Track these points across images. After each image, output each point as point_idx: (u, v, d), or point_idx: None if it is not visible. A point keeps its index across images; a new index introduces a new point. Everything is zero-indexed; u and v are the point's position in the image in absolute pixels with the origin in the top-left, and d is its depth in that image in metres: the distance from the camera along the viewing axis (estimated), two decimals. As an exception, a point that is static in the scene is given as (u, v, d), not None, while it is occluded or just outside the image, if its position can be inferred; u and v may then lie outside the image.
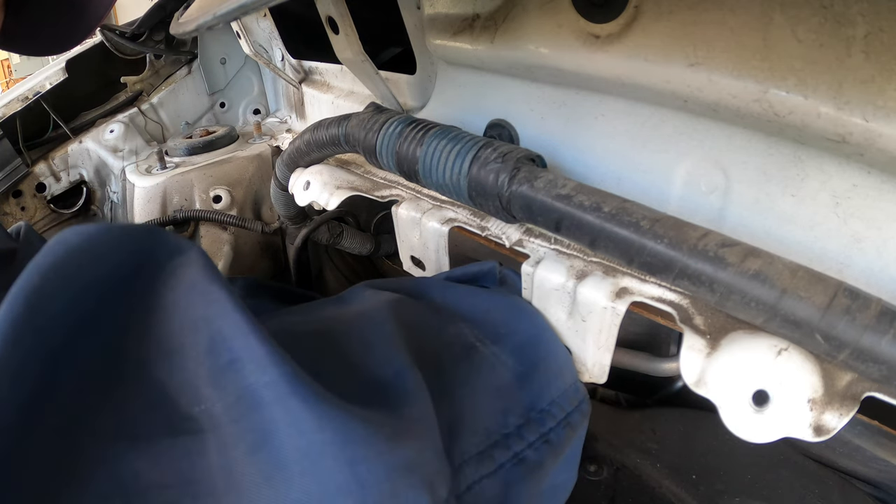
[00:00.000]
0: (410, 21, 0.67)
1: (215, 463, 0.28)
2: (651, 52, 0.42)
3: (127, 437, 0.27)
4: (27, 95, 1.10)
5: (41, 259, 0.29)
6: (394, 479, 0.30)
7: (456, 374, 0.42)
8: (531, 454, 0.42)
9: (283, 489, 0.28)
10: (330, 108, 0.96)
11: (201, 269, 0.33)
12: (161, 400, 0.29)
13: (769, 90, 0.37)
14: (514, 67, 0.55)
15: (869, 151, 0.35)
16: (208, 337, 0.31)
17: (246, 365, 0.30)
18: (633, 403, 0.74)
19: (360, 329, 0.42)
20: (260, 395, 0.29)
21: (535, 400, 0.45)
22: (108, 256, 0.31)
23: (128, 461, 0.26)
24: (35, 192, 1.14)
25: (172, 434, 0.28)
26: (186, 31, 0.53)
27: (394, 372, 0.38)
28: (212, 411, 0.29)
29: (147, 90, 1.22)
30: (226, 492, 0.27)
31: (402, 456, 0.31)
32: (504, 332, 0.47)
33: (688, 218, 0.38)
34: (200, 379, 0.30)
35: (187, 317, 0.31)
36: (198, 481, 0.27)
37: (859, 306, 0.31)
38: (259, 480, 0.28)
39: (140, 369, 0.29)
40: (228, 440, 0.28)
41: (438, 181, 0.52)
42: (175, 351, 0.30)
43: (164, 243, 0.33)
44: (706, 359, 0.39)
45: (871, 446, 0.55)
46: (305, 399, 0.29)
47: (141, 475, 0.26)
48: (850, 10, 0.33)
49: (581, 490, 0.61)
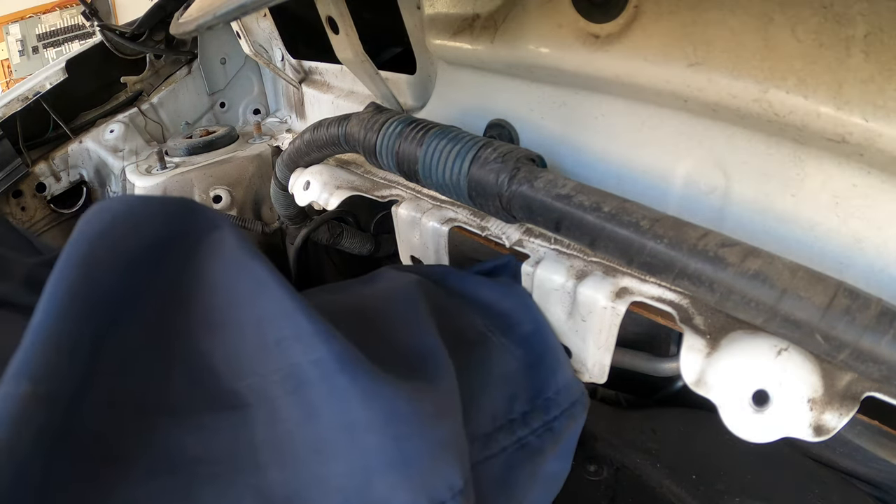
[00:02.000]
0: (410, 21, 0.67)
1: (261, 437, 0.28)
2: (651, 53, 0.42)
3: (172, 412, 0.27)
4: (27, 95, 1.10)
5: (87, 226, 0.29)
6: (435, 456, 0.30)
7: (469, 360, 0.43)
8: (534, 440, 0.43)
9: (329, 463, 0.28)
10: (330, 108, 0.96)
11: (239, 244, 0.32)
12: (206, 374, 0.29)
13: (769, 90, 0.37)
14: (514, 67, 0.55)
15: (869, 151, 0.35)
16: (253, 314, 0.30)
17: (293, 342, 0.30)
18: (634, 403, 0.74)
19: (395, 306, 0.43)
20: (308, 373, 0.29)
21: (540, 388, 0.46)
22: (149, 226, 0.30)
23: (173, 436, 0.26)
24: (35, 192, 1.14)
25: (217, 408, 0.28)
26: (186, 31, 0.53)
27: (428, 347, 0.39)
28: (258, 386, 0.29)
29: (147, 90, 1.22)
30: (271, 465, 0.27)
31: (441, 433, 0.31)
32: (512, 323, 0.48)
33: (688, 218, 0.38)
34: (246, 355, 0.30)
35: (231, 293, 0.31)
36: (242, 455, 0.27)
37: (859, 306, 0.31)
38: (305, 455, 0.28)
39: (184, 343, 0.29)
40: (275, 415, 0.28)
41: (438, 181, 0.52)
42: (220, 326, 0.30)
43: (201, 216, 0.33)
44: (706, 359, 0.39)
45: (871, 446, 0.55)
46: (353, 376, 0.29)
47: (187, 449, 0.26)
48: (849, 9, 0.33)
49: (581, 490, 0.61)
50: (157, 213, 0.31)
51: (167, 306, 0.29)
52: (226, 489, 0.26)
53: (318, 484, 0.28)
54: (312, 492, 0.27)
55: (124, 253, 0.29)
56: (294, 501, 0.27)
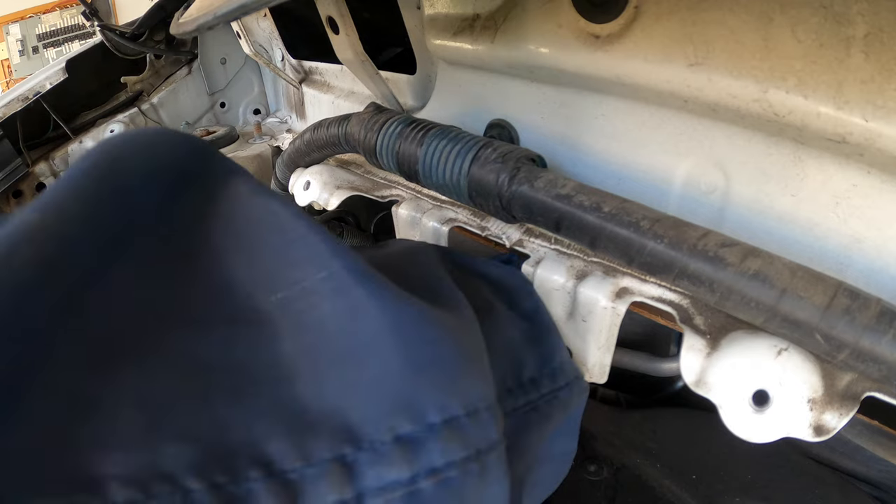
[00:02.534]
0: (410, 21, 0.67)
1: (286, 348, 0.27)
2: (651, 53, 0.42)
3: (188, 321, 0.26)
4: (27, 95, 1.10)
5: (117, 137, 0.29)
6: (466, 364, 0.30)
7: (481, 322, 0.43)
8: (543, 405, 0.43)
9: (358, 370, 0.28)
10: (330, 109, 0.96)
11: (257, 185, 0.33)
12: (226, 291, 0.28)
13: (769, 90, 0.37)
14: (515, 67, 0.55)
15: (869, 151, 0.35)
16: (276, 239, 0.30)
17: (314, 259, 0.30)
18: (634, 403, 0.74)
19: (413, 258, 0.43)
20: (325, 286, 0.29)
21: (548, 358, 0.46)
22: (179, 147, 0.31)
23: (189, 342, 0.26)
24: (35, 193, 1.13)
25: (237, 322, 0.28)
26: (187, 32, 0.53)
27: (448, 291, 0.39)
28: (279, 302, 0.29)
29: (147, 90, 1.22)
30: (297, 377, 0.27)
31: (468, 345, 0.32)
32: (516, 299, 0.48)
33: (688, 218, 0.38)
34: (267, 275, 0.29)
35: (253, 220, 0.31)
36: (263, 366, 0.27)
37: (859, 306, 0.31)
38: (332, 362, 0.28)
39: (208, 260, 0.29)
40: (298, 329, 0.28)
41: (438, 181, 0.52)
42: (240, 249, 0.30)
43: (221, 158, 0.33)
44: (706, 359, 0.39)
45: (872, 446, 0.55)
46: (369, 287, 0.29)
47: (202, 357, 0.26)
48: (849, 10, 0.33)
49: (581, 490, 0.61)
50: (186, 142, 0.31)
51: (192, 223, 0.29)
52: (244, 398, 0.25)
53: (347, 392, 0.27)
54: (340, 399, 0.27)
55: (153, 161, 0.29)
56: (323, 411, 0.26)
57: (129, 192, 0.27)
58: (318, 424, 0.26)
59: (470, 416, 0.29)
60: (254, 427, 0.24)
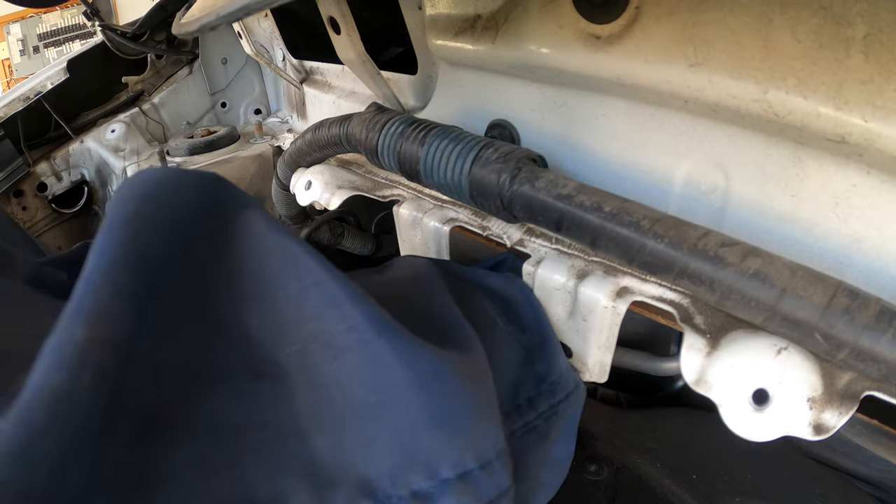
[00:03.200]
0: (412, 21, 0.67)
1: (301, 405, 0.28)
2: (652, 53, 0.42)
3: (213, 380, 0.27)
4: (28, 95, 1.10)
5: (131, 190, 0.28)
6: (480, 414, 0.31)
7: (483, 342, 0.43)
8: (541, 424, 0.43)
9: (374, 425, 0.28)
10: (331, 108, 0.96)
11: (270, 221, 0.32)
12: (247, 344, 0.29)
13: (769, 91, 0.37)
14: (516, 68, 0.55)
15: (868, 151, 0.35)
16: (291, 287, 0.30)
17: (329, 310, 0.30)
18: (634, 403, 0.75)
19: (416, 286, 0.43)
20: (346, 339, 0.29)
21: (545, 373, 0.46)
22: (189, 194, 0.30)
23: (215, 404, 0.26)
24: (36, 192, 1.14)
25: (258, 377, 0.28)
26: (189, 32, 0.53)
27: (454, 320, 0.39)
28: (297, 355, 0.29)
29: (148, 90, 1.22)
30: (315, 432, 0.27)
31: (482, 393, 0.32)
32: (515, 310, 0.49)
33: (688, 218, 0.39)
34: (285, 325, 0.30)
35: (268, 265, 0.31)
36: (284, 423, 0.27)
37: (858, 305, 0.31)
38: (349, 419, 0.28)
39: (226, 312, 0.29)
40: (315, 381, 0.28)
41: (440, 181, 0.52)
42: (258, 298, 0.30)
43: (232, 192, 0.33)
44: (706, 358, 0.39)
45: (871, 446, 0.55)
46: (390, 340, 0.29)
47: (229, 417, 0.26)
48: (849, 11, 0.33)
49: (581, 490, 0.61)
50: (195, 184, 0.31)
51: (209, 275, 0.29)
52: (269, 457, 0.26)
53: (365, 446, 0.28)
54: (358, 454, 0.27)
55: (170, 215, 0.29)
56: (342, 465, 0.27)
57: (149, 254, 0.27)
58: (338, 479, 0.26)
59: (483, 468, 0.30)
60: (277, 483, 0.25)
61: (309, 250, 0.31)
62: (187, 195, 0.30)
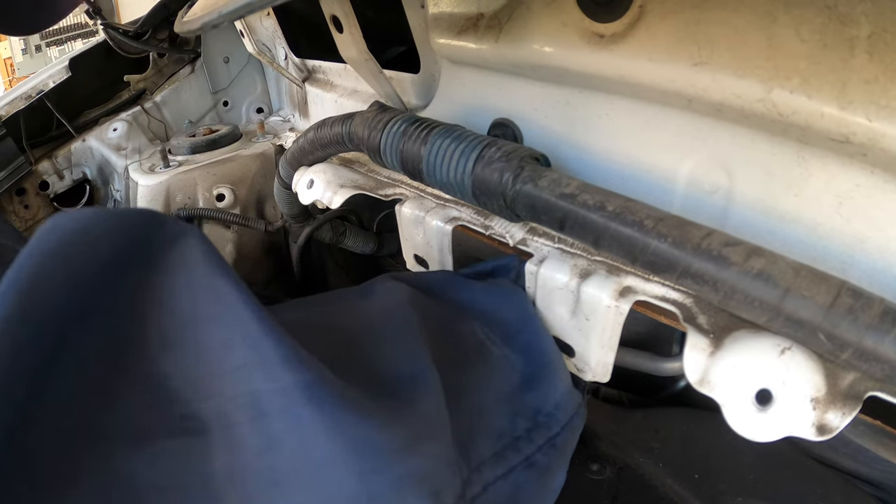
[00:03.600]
0: (415, 20, 0.67)
1: (219, 465, 0.27)
2: (655, 52, 0.42)
3: (126, 436, 0.26)
4: (30, 94, 1.10)
5: (35, 245, 0.27)
6: (404, 490, 0.30)
7: (471, 375, 0.43)
8: (540, 458, 0.43)
9: (288, 497, 0.27)
10: (333, 107, 0.96)
11: (204, 259, 0.30)
12: (163, 397, 0.27)
13: (773, 90, 0.37)
14: (519, 67, 0.55)
15: (872, 151, 0.35)
16: (215, 335, 0.29)
17: (255, 369, 0.28)
18: (636, 403, 0.74)
19: (384, 324, 0.42)
20: (270, 402, 0.28)
21: (541, 403, 0.45)
22: (104, 240, 0.29)
23: (126, 461, 0.25)
24: (38, 191, 1.14)
25: (173, 434, 0.27)
26: (191, 30, 0.53)
27: (414, 370, 0.38)
28: (218, 410, 0.28)
29: (150, 88, 1.22)
30: (227, 496, 0.26)
31: (413, 465, 0.30)
32: (512, 331, 0.48)
33: (691, 217, 0.39)
34: (207, 377, 0.28)
35: (192, 311, 0.29)
36: (197, 483, 0.26)
37: (862, 305, 0.31)
38: (264, 487, 0.27)
39: (141, 363, 0.27)
40: (233, 443, 0.27)
41: (442, 180, 0.52)
42: (179, 346, 0.28)
43: (161, 227, 0.31)
44: (709, 358, 0.39)
45: (874, 447, 0.55)
46: (319, 406, 0.28)
47: (139, 475, 0.25)
48: (853, 10, 0.33)
49: (584, 489, 0.61)
50: (114, 228, 0.29)
51: (123, 325, 0.28)
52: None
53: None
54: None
55: (76, 271, 0.27)
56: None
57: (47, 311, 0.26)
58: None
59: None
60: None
61: (241, 294, 0.30)
62: (104, 242, 0.29)
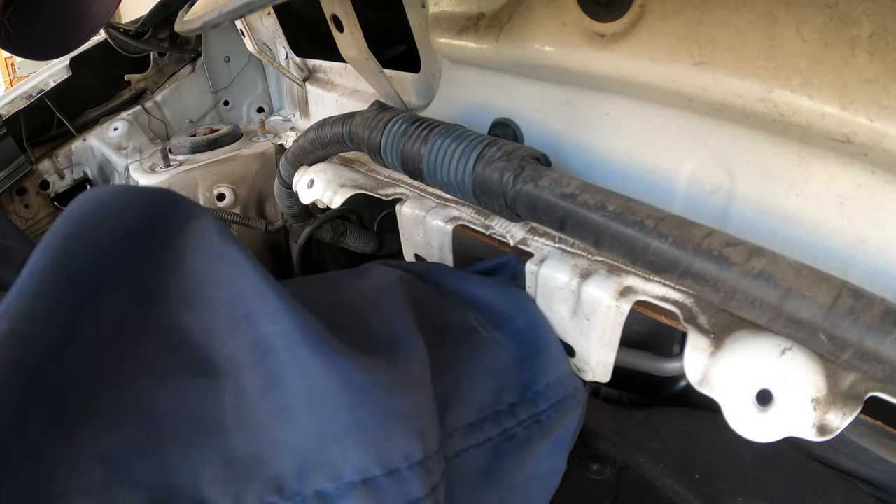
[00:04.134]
0: (415, 19, 0.67)
1: (228, 403, 0.30)
2: (656, 52, 0.42)
3: (149, 374, 0.29)
4: (31, 93, 1.11)
5: (69, 212, 0.31)
6: (389, 424, 0.32)
7: (457, 353, 0.44)
8: (521, 432, 0.44)
9: (288, 427, 0.30)
10: (334, 107, 0.96)
11: (219, 233, 0.35)
12: (182, 344, 0.31)
13: (774, 90, 0.37)
14: (519, 66, 0.55)
15: (873, 151, 0.35)
16: (227, 293, 0.33)
17: (261, 316, 0.32)
18: (637, 403, 0.75)
19: (374, 297, 0.45)
20: (272, 343, 0.32)
21: (530, 382, 0.46)
22: (132, 211, 0.33)
23: (147, 393, 0.28)
24: (39, 190, 1.14)
25: (191, 375, 0.30)
26: (192, 29, 0.53)
27: (400, 334, 0.41)
28: (230, 356, 0.31)
29: (151, 88, 1.22)
30: (236, 430, 0.30)
31: (398, 405, 0.33)
32: (506, 318, 0.49)
33: (692, 217, 0.39)
34: (220, 328, 0.32)
35: (208, 275, 0.33)
36: (210, 418, 0.29)
37: (863, 306, 0.31)
38: (266, 419, 0.30)
39: (163, 316, 0.31)
40: (243, 383, 0.31)
41: (443, 179, 0.52)
42: (196, 303, 0.32)
43: (181, 206, 0.35)
44: (710, 358, 0.39)
45: (874, 447, 0.55)
46: (314, 346, 0.32)
47: (159, 407, 0.28)
48: (854, 10, 0.33)
49: (584, 489, 0.61)
50: (140, 202, 0.34)
51: (147, 284, 0.32)
52: (192, 448, 0.28)
53: (277, 446, 0.30)
54: (271, 453, 0.30)
55: (107, 234, 0.31)
56: (253, 461, 0.29)
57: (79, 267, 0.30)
58: (252, 474, 0.29)
59: (389, 475, 0.31)
60: (197, 474, 0.28)
61: (249, 260, 0.34)
62: (131, 213, 0.33)
